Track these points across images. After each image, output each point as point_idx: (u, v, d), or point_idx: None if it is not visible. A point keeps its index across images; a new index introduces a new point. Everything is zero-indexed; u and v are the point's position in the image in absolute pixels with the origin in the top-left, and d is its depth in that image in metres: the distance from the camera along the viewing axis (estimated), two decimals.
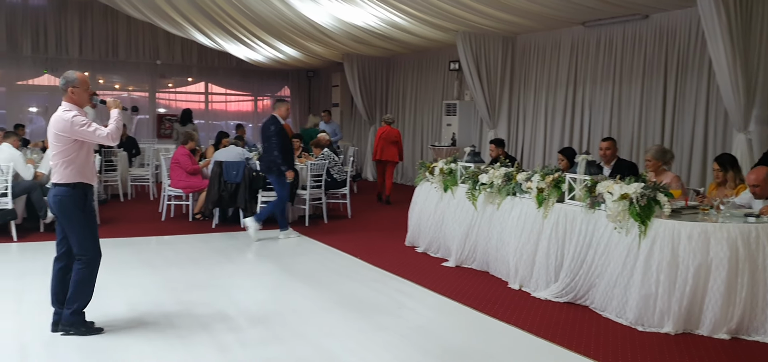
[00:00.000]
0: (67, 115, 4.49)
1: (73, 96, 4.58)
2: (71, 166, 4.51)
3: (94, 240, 4.62)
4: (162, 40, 17.26)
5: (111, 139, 4.60)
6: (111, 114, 4.70)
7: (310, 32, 12.78)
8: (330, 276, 6.51)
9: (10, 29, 15.78)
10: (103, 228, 8.73)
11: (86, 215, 4.57)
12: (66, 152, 4.49)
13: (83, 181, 4.56)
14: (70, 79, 4.60)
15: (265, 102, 19.54)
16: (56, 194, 4.53)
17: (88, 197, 4.60)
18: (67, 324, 4.57)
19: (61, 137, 4.49)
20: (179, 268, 6.71)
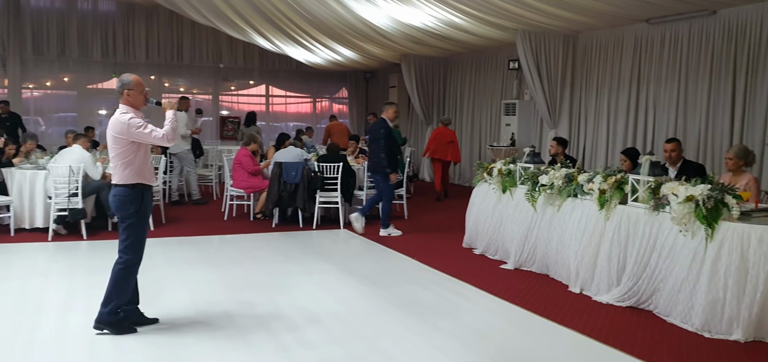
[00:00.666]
0: (123, 118, 4.60)
1: (129, 98, 4.69)
2: (129, 168, 4.61)
3: (139, 243, 4.68)
4: (225, 44, 17.67)
5: (166, 140, 4.68)
6: (166, 115, 4.80)
7: (367, 34, 12.85)
8: (387, 277, 6.53)
9: (81, 34, 16.45)
10: (169, 226, 9.04)
11: (139, 217, 4.65)
12: (124, 154, 4.60)
13: (141, 182, 4.66)
14: (125, 81, 4.72)
15: (323, 103, 19.75)
16: (115, 194, 4.65)
17: (144, 198, 4.68)
18: (102, 323, 4.65)
19: (119, 139, 4.60)
20: (240, 267, 6.86)
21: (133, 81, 4.72)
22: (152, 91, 17.40)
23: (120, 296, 4.66)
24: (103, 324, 4.64)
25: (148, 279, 6.19)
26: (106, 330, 4.63)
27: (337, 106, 19.97)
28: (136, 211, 4.62)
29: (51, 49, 16.19)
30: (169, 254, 7.42)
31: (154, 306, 5.31)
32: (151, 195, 4.84)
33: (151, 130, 4.63)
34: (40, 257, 7.19)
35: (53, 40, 16.19)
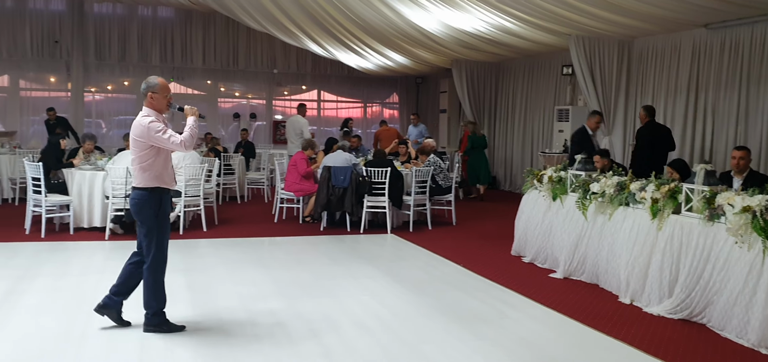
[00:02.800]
0: (144, 121, 4.61)
1: (153, 101, 4.68)
2: (148, 171, 4.63)
3: (160, 245, 4.69)
4: (279, 50, 17.96)
5: (184, 147, 4.62)
6: (187, 121, 4.76)
7: (418, 39, 12.86)
8: (433, 283, 6.51)
9: (141, 40, 16.98)
10: (221, 227, 9.23)
11: (159, 220, 4.67)
12: (143, 157, 4.62)
13: (160, 186, 4.67)
14: (151, 84, 4.73)
15: (374, 108, 19.86)
16: (134, 197, 4.69)
17: (163, 202, 4.70)
18: (151, 326, 4.74)
19: (139, 142, 4.62)
20: (288, 269, 6.95)
21: (158, 84, 4.73)
22: (208, 95, 17.87)
23: (157, 299, 4.74)
24: (152, 327, 4.74)
25: (199, 279, 6.36)
26: (155, 331, 4.74)
27: (388, 110, 20.04)
28: (155, 215, 4.65)
29: (112, 54, 16.76)
30: (220, 254, 7.58)
31: (204, 306, 5.45)
32: (170, 199, 4.85)
33: (170, 135, 4.59)
34: (97, 255, 7.44)
35: (114, 45, 16.76)
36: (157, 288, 4.73)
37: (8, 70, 16.22)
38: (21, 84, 16.44)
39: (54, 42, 16.28)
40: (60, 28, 16.35)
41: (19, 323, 4.90)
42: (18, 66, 16.20)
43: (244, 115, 18.25)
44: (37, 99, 16.54)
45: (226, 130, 18.01)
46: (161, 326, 4.75)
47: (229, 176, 12.09)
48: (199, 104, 17.94)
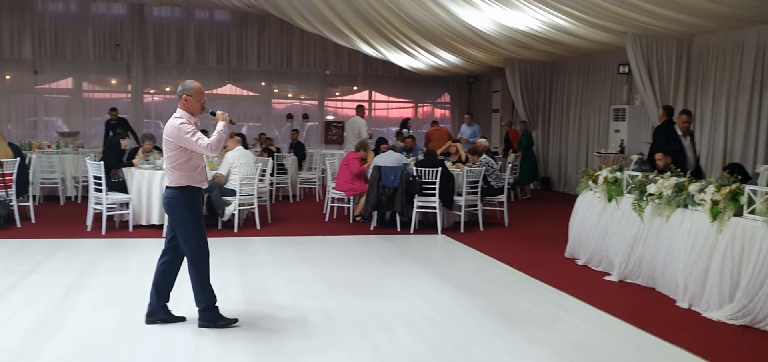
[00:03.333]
0: (175, 122, 4.73)
1: (186, 104, 4.80)
2: (180, 170, 4.74)
3: (198, 239, 4.78)
4: (331, 51, 18.12)
5: (210, 150, 4.69)
6: (217, 125, 4.84)
7: (470, 38, 12.78)
8: (484, 285, 6.46)
9: (198, 43, 17.38)
10: (274, 226, 9.37)
11: (192, 217, 4.76)
12: (174, 157, 4.73)
13: (191, 185, 4.77)
14: (186, 87, 4.83)
15: (425, 108, 19.82)
16: (166, 196, 4.80)
17: (195, 200, 4.79)
18: (204, 321, 4.84)
19: (169, 142, 4.74)
20: (338, 268, 7.00)
21: (193, 87, 4.82)
22: (262, 97, 18.17)
23: (206, 294, 4.83)
24: (205, 322, 4.84)
25: (253, 276, 6.47)
26: (209, 326, 4.83)
27: (440, 111, 19.98)
28: (188, 212, 4.74)
29: (170, 57, 17.22)
30: (273, 252, 7.70)
31: (257, 302, 5.54)
32: (201, 198, 4.94)
33: (198, 138, 4.69)
34: (155, 252, 7.54)
35: (173, 48, 17.22)
36: (203, 283, 4.82)
37: (72, 72, 16.87)
38: (84, 86, 17.07)
39: (115, 45, 16.84)
40: (121, 31, 16.90)
41: (81, 316, 5.07)
42: (81, 69, 16.82)
43: (297, 115, 18.48)
44: (98, 100, 17.13)
45: (279, 130, 18.26)
46: (215, 320, 4.84)
47: (281, 176, 12.28)
48: (253, 106, 18.30)
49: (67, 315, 5.11)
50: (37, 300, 5.44)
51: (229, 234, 8.74)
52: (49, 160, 11.45)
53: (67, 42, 16.57)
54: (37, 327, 4.76)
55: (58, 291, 5.72)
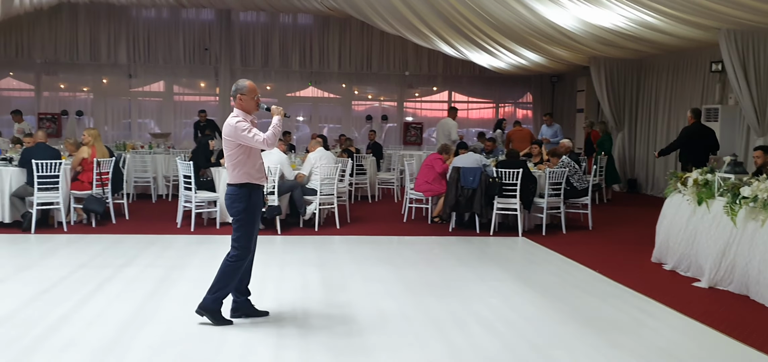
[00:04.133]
0: (232, 121, 4.85)
1: (241, 102, 4.91)
2: (239, 168, 4.85)
3: (248, 240, 4.88)
4: (411, 52, 18.18)
5: (266, 144, 4.80)
6: (272, 120, 4.93)
7: (554, 36, 12.52)
8: (565, 288, 6.31)
9: (282, 46, 17.86)
10: (353, 225, 9.49)
11: (247, 215, 4.87)
12: (233, 156, 4.85)
13: (250, 182, 4.89)
14: (239, 87, 4.95)
15: (507, 109, 19.55)
16: (227, 193, 4.95)
17: (252, 197, 4.89)
18: (204, 309, 4.86)
19: (228, 142, 4.87)
20: (416, 268, 7.02)
21: (246, 86, 4.93)
22: (343, 99, 18.43)
23: (224, 287, 4.90)
24: (205, 310, 4.89)
25: (332, 274, 6.59)
26: (206, 317, 4.88)
27: (522, 111, 19.67)
28: (245, 209, 4.85)
29: (256, 60, 17.77)
30: (352, 251, 7.80)
31: (335, 300, 5.63)
32: (260, 195, 5.02)
33: (255, 134, 4.79)
34: None
35: (258, 51, 17.77)
36: (231, 277, 4.89)
37: (164, 76, 17.68)
38: (175, 89, 17.85)
39: (204, 50, 17.53)
40: (209, 36, 17.57)
41: (170, 309, 5.31)
42: (172, 73, 17.61)
43: (376, 117, 18.64)
44: (188, 103, 17.87)
45: (359, 132, 18.48)
46: (215, 314, 4.86)
47: (361, 176, 12.41)
48: (333, 108, 18.60)
49: (157, 307, 5.36)
50: (130, 293, 5.74)
51: (310, 232, 8.92)
52: (142, 160, 12.04)
53: (159, 47, 17.39)
54: (130, 318, 5.02)
55: (149, 285, 6.01)
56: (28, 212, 8.57)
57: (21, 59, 17.03)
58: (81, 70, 17.36)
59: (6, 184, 8.67)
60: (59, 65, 17.23)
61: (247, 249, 4.91)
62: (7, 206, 8.66)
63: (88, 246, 7.72)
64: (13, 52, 16.94)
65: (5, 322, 4.83)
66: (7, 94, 17.41)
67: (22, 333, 4.60)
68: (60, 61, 17.16)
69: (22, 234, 8.34)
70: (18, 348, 4.33)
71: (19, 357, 4.17)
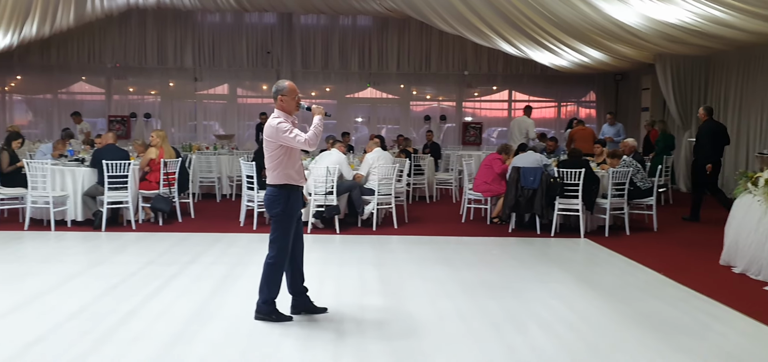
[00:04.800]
0: (273, 122, 4.87)
1: (282, 103, 4.94)
2: (278, 170, 4.89)
3: (285, 240, 4.91)
4: (470, 51, 18.08)
5: (308, 145, 4.80)
6: (313, 120, 4.94)
7: (617, 34, 12.22)
8: (628, 291, 6.17)
9: (342, 48, 18.05)
10: (411, 225, 9.51)
11: (285, 216, 4.90)
12: (274, 156, 4.89)
13: (289, 183, 4.92)
14: (280, 87, 4.97)
15: (569, 108, 19.19)
16: (267, 194, 4.99)
17: (291, 198, 4.92)
18: (259, 312, 4.98)
19: (269, 143, 4.90)
20: (474, 269, 6.98)
21: (286, 87, 4.95)
22: (401, 99, 18.48)
23: (270, 289, 4.97)
24: (260, 313, 5.01)
25: (390, 273, 6.62)
26: (262, 318, 4.98)
27: (584, 110, 19.28)
28: (283, 211, 4.89)
29: (316, 63, 18.03)
30: (409, 251, 7.82)
31: (394, 299, 5.67)
32: (299, 196, 5.05)
33: (296, 135, 4.81)
34: None
35: (318, 54, 18.02)
36: (274, 278, 4.97)
37: (228, 79, 18.13)
38: (238, 92, 18.28)
39: (266, 53, 17.89)
40: (271, 39, 17.93)
41: (233, 305, 5.45)
42: (236, 76, 18.05)
43: (435, 117, 18.61)
44: (251, 105, 18.28)
45: (417, 132, 18.49)
46: (270, 314, 4.99)
47: (418, 176, 12.42)
48: (392, 108, 18.67)
49: (221, 303, 5.51)
50: (195, 289, 5.92)
51: (368, 232, 8.99)
52: (207, 161, 12.39)
53: (223, 51, 17.85)
54: (195, 314, 5.18)
55: (213, 281, 6.19)
56: (99, 210, 8.93)
57: (93, 64, 17.77)
58: (149, 74, 17.99)
59: (78, 184, 9.08)
60: (128, 69, 17.90)
61: (285, 250, 4.95)
62: (79, 205, 9.07)
63: (156, 243, 8.00)
64: (86, 58, 17.69)
65: (79, 315, 5.07)
66: (80, 97, 18.19)
67: (94, 326, 4.81)
68: (129, 66, 17.82)
69: (93, 232, 8.71)
70: (90, 339, 4.53)
71: (91, 348, 4.37)
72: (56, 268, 6.63)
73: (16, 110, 18.30)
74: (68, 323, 4.86)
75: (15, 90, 18.17)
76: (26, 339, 4.50)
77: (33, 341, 4.46)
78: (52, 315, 5.03)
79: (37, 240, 8.14)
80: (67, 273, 6.41)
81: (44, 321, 4.88)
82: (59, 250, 7.66)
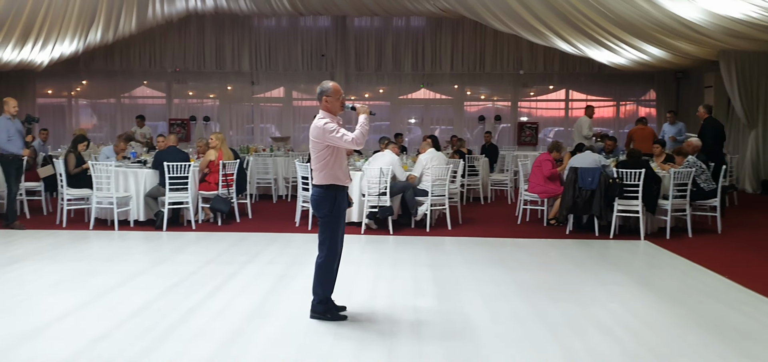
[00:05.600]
0: (319, 123, 4.90)
1: (327, 104, 4.97)
2: (325, 170, 4.92)
3: (333, 240, 4.96)
4: (525, 50, 17.86)
5: (355, 144, 4.84)
6: (359, 119, 4.93)
7: (678, 30, 11.87)
8: (691, 294, 5.98)
9: (395, 50, 18.09)
10: (465, 227, 9.45)
11: (333, 215, 4.93)
12: (320, 157, 4.91)
13: (335, 183, 4.93)
14: (324, 88, 5.00)
15: (628, 107, 18.73)
16: (313, 194, 5.04)
17: (337, 199, 4.95)
18: (314, 312, 5.05)
19: (316, 143, 4.92)
20: (531, 271, 6.88)
21: (331, 88, 4.98)
22: (454, 100, 18.40)
23: (323, 289, 5.03)
24: (315, 313, 5.07)
25: (444, 275, 6.60)
26: (317, 317, 5.03)
27: (644, 108, 18.78)
28: (330, 211, 4.92)
29: (369, 64, 18.11)
30: (463, 253, 7.77)
31: (448, 301, 5.64)
32: (345, 196, 5.06)
33: (343, 134, 4.84)
34: (355, 247, 8.08)
35: (371, 56, 18.10)
36: (326, 277, 5.03)
37: (283, 82, 18.41)
38: (293, 95, 18.54)
39: (320, 56, 18.08)
40: (326, 42, 18.11)
41: (290, 303, 5.52)
42: (291, 79, 18.31)
43: (489, 117, 18.44)
44: (306, 108, 18.49)
45: (471, 133, 18.36)
46: (325, 313, 5.05)
47: (473, 177, 12.33)
48: (445, 109, 18.61)
49: (278, 301, 5.59)
50: (253, 288, 6.03)
51: (422, 233, 8.98)
52: (264, 162, 12.60)
53: (279, 54, 18.14)
54: (253, 312, 5.27)
55: (270, 280, 6.29)
56: (160, 211, 9.19)
57: (154, 69, 18.31)
58: (207, 78, 18.42)
59: (141, 185, 9.36)
60: (188, 73, 18.37)
61: (334, 250, 5.01)
62: (142, 205, 9.35)
63: (215, 243, 8.18)
64: (147, 63, 18.25)
65: (142, 312, 5.22)
66: (142, 101, 18.78)
67: (156, 323, 4.95)
68: (188, 70, 18.29)
69: (155, 232, 8.97)
70: (153, 336, 4.66)
71: (153, 344, 4.50)
72: (120, 267, 6.85)
73: (82, 114, 19.01)
74: (132, 319, 5.02)
75: (81, 95, 18.88)
76: (93, 334, 4.67)
77: (99, 336, 4.62)
78: (117, 312, 5.20)
79: (102, 240, 8.43)
80: (130, 271, 6.62)
81: (109, 318, 5.05)
82: (123, 249, 7.92)
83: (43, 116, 16.68)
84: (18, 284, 6.12)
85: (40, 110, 17.74)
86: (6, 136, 8.88)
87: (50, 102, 18.71)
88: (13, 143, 8.95)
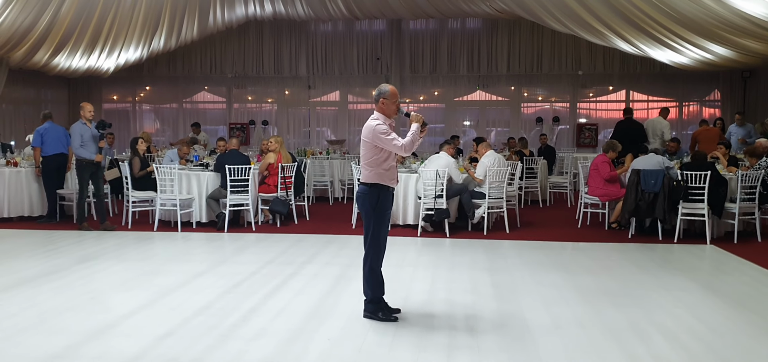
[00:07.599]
0: (372, 124, 4.97)
1: (383, 106, 5.04)
2: (371, 169, 4.99)
3: (376, 239, 5.01)
4: (584, 50, 17.51)
5: (404, 150, 4.89)
6: (411, 127, 4.96)
7: (745, 28, 11.43)
8: (761, 300, 5.76)
9: (450, 52, 18.01)
10: (523, 230, 9.34)
11: (376, 214, 4.98)
12: (369, 155, 4.98)
13: (379, 183, 4.98)
14: (382, 91, 5.06)
15: (691, 108, 18.14)
16: (358, 192, 5.11)
17: (381, 198, 4.98)
18: (367, 311, 5.14)
19: (365, 142, 5.00)
20: (592, 275, 6.74)
21: (389, 91, 5.05)
22: (511, 101, 18.20)
23: (372, 289, 5.10)
24: (369, 313, 5.14)
25: (503, 278, 6.54)
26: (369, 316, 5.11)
27: (708, 109, 18.16)
28: (373, 209, 4.97)
29: (424, 67, 18.09)
30: (522, 256, 7.68)
31: (507, 304, 5.58)
32: (389, 197, 5.08)
33: (393, 138, 4.91)
34: (410, 249, 8.09)
35: (427, 58, 18.08)
36: (373, 278, 5.09)
37: (339, 86, 18.57)
38: (349, 98, 18.68)
39: (376, 59, 18.17)
40: (381, 45, 18.18)
41: (348, 304, 5.57)
42: (347, 83, 18.45)
43: (547, 119, 18.17)
44: (361, 111, 18.60)
45: (528, 134, 18.12)
46: (376, 312, 5.10)
47: (531, 180, 12.17)
48: (501, 111, 18.42)
49: (336, 302, 5.65)
50: (311, 288, 6.10)
51: (479, 236, 8.91)
52: (321, 165, 12.76)
53: (334, 58, 18.31)
54: (312, 312, 5.34)
55: (328, 281, 6.36)
56: (221, 213, 9.40)
57: (214, 74, 18.75)
58: (266, 83, 18.75)
59: (203, 187, 9.60)
60: (247, 78, 18.74)
61: (378, 250, 5.07)
62: (204, 207, 9.59)
63: (274, 244, 8.32)
64: (208, 68, 18.70)
65: (204, 311, 5.35)
66: (203, 106, 19.25)
67: (218, 321, 5.07)
68: (247, 75, 18.66)
69: (216, 233, 9.18)
70: (215, 334, 4.77)
71: (216, 342, 4.60)
72: (183, 267, 7.04)
73: (145, 119, 19.62)
74: (195, 318, 5.15)
75: (144, 100, 19.48)
76: (158, 332, 4.81)
77: (164, 334, 4.76)
78: (181, 311, 5.35)
79: (166, 241, 8.68)
80: (193, 271, 6.80)
81: (173, 316, 5.19)
82: (186, 250, 8.13)
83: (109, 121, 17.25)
84: (87, 282, 6.36)
85: (106, 115, 18.38)
86: (80, 141, 9.22)
87: (115, 107, 19.37)
88: (87, 148, 9.28)
